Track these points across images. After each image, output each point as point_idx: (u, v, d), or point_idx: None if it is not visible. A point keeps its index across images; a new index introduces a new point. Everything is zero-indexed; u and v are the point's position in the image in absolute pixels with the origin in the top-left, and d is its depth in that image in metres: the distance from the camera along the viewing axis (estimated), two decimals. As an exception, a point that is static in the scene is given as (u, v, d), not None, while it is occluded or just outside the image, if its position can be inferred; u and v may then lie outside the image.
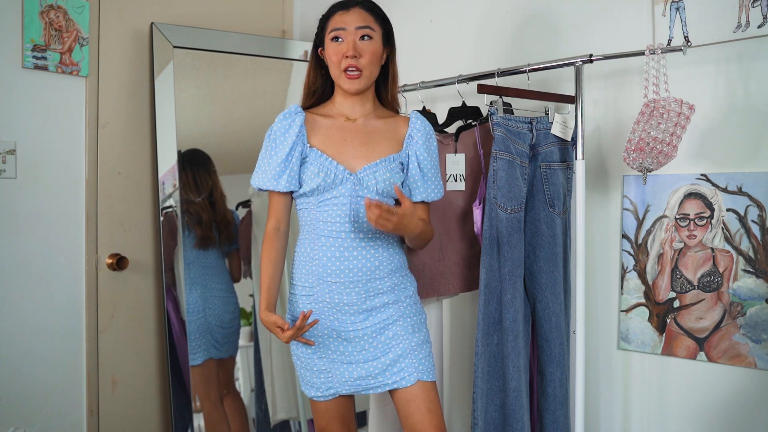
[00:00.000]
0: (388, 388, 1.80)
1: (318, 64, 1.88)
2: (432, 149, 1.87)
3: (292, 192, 1.83)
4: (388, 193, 1.80)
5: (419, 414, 1.77)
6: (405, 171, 1.84)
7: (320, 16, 1.86)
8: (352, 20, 1.79)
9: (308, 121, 1.83)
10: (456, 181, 2.13)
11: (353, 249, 1.77)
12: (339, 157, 1.79)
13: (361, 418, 2.63)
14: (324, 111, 1.87)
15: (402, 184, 1.84)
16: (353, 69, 1.77)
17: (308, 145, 1.80)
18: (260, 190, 1.84)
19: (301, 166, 1.80)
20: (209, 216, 2.60)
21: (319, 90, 1.89)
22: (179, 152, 2.54)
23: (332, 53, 1.79)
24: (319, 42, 1.86)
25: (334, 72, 1.81)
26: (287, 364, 2.72)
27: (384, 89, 1.90)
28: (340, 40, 1.79)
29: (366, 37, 1.79)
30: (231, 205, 2.67)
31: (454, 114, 2.20)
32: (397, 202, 1.89)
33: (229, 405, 2.66)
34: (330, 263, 1.77)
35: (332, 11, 1.83)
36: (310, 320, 1.75)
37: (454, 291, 2.13)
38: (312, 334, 1.81)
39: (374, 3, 1.85)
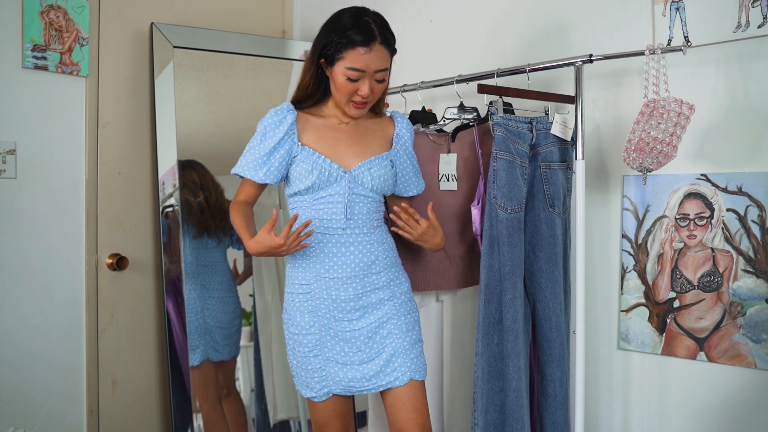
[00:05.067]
0: (381, 389, 1.83)
1: (317, 71, 1.84)
2: (413, 145, 1.96)
3: (265, 185, 1.86)
4: (381, 190, 1.85)
5: (405, 412, 1.80)
6: (395, 168, 1.90)
7: (332, 28, 1.77)
8: (373, 63, 1.75)
9: (300, 120, 1.85)
10: (448, 180, 2.13)
11: (349, 245, 1.80)
12: (332, 156, 1.82)
13: (361, 418, 2.63)
14: (317, 111, 1.89)
15: (395, 180, 1.90)
16: (363, 103, 1.81)
17: (299, 143, 1.82)
18: (239, 176, 1.87)
19: (291, 165, 1.82)
20: (202, 207, 2.58)
21: (315, 94, 1.88)
22: (177, 160, 2.54)
23: (343, 86, 1.77)
24: (325, 56, 1.79)
25: (341, 99, 1.81)
26: (288, 363, 2.72)
27: None
28: (356, 80, 1.76)
29: (382, 80, 1.80)
30: (229, 197, 2.67)
31: (451, 115, 2.19)
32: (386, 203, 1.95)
33: (229, 406, 2.65)
34: (327, 259, 1.80)
35: (351, 44, 1.73)
36: (306, 231, 1.73)
37: (441, 287, 2.13)
38: (309, 332, 1.83)
39: (389, 28, 1.80)
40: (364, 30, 1.74)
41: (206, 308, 2.58)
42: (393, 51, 1.82)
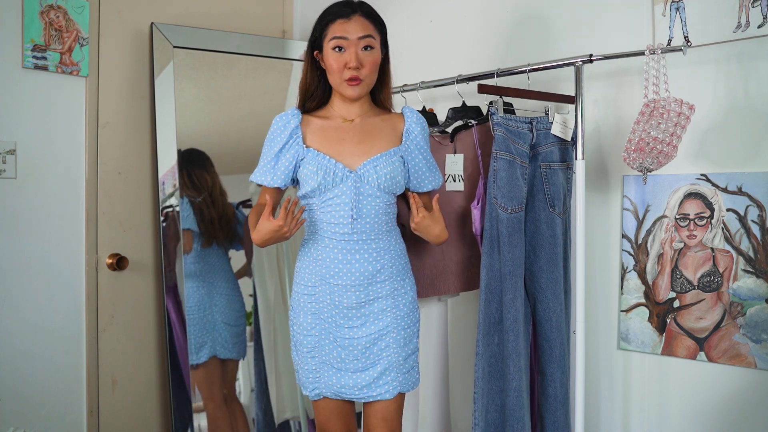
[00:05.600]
0: (371, 400, 1.84)
1: (314, 66, 1.88)
2: (427, 140, 1.93)
3: (280, 189, 1.89)
4: (389, 189, 1.82)
5: (375, 419, 1.85)
6: (407, 165, 1.87)
7: (318, 19, 1.85)
8: (354, 30, 1.78)
9: (305, 123, 1.86)
10: (455, 181, 2.13)
11: (355, 252, 1.79)
12: (337, 156, 1.81)
13: (359, 419, 2.63)
14: (321, 113, 1.90)
15: (408, 178, 1.88)
16: (355, 78, 1.79)
17: (304, 146, 1.82)
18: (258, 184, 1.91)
19: (299, 167, 1.83)
20: (212, 213, 2.60)
21: (318, 93, 1.89)
22: (179, 151, 2.54)
23: (333, 62, 1.79)
24: (316, 45, 1.85)
25: (335, 80, 1.82)
26: (292, 363, 2.72)
27: (378, 90, 1.92)
28: (342, 49, 1.78)
29: (368, 48, 1.80)
30: (231, 202, 2.68)
31: (453, 115, 2.20)
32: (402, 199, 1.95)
33: (236, 407, 2.66)
34: (333, 265, 1.80)
35: (332, 17, 1.81)
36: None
37: (454, 290, 2.13)
38: (310, 333, 1.84)
39: (372, 8, 1.85)
40: (344, 6, 1.82)
41: (214, 305, 2.58)
42: (378, 25, 1.84)
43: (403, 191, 1.91)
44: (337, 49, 1.79)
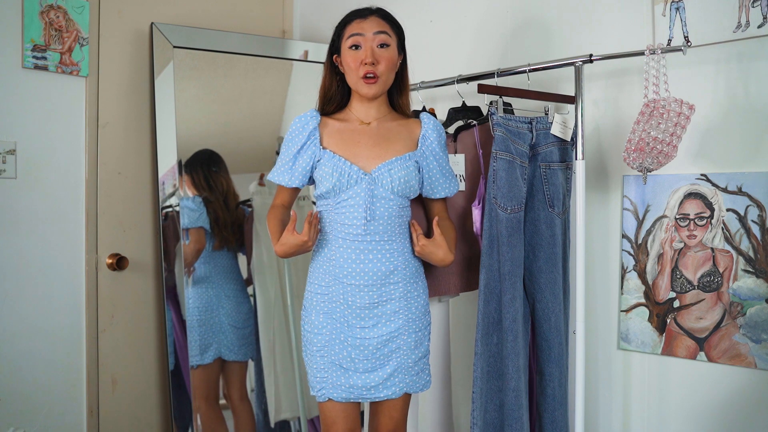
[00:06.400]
0: (378, 400, 1.87)
1: (333, 71, 1.91)
2: (444, 147, 1.93)
3: (296, 189, 1.92)
4: (403, 193, 1.83)
5: (383, 417, 1.89)
6: (421, 170, 1.89)
7: (336, 24, 1.89)
8: (369, 27, 1.82)
9: (323, 125, 1.89)
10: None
11: (368, 252, 1.81)
12: (353, 158, 1.83)
13: (362, 417, 2.63)
14: (340, 116, 1.92)
15: (422, 183, 1.89)
16: (371, 74, 1.81)
17: (321, 147, 1.84)
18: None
19: (315, 168, 1.85)
20: (226, 217, 2.60)
21: (337, 96, 1.92)
22: (178, 160, 2.54)
23: (350, 60, 1.82)
24: (334, 49, 1.89)
25: (352, 78, 1.84)
26: (290, 363, 2.72)
27: (396, 94, 1.94)
28: (358, 47, 1.82)
29: (384, 45, 1.83)
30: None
31: (453, 115, 2.20)
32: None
33: (245, 408, 2.66)
34: (346, 264, 1.81)
35: (349, 19, 1.86)
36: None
37: (455, 291, 2.13)
38: (320, 332, 1.85)
39: (389, 12, 1.89)
40: (361, 9, 1.87)
41: (221, 307, 2.58)
42: (395, 27, 1.88)
43: (417, 195, 1.92)
44: (354, 48, 1.82)
